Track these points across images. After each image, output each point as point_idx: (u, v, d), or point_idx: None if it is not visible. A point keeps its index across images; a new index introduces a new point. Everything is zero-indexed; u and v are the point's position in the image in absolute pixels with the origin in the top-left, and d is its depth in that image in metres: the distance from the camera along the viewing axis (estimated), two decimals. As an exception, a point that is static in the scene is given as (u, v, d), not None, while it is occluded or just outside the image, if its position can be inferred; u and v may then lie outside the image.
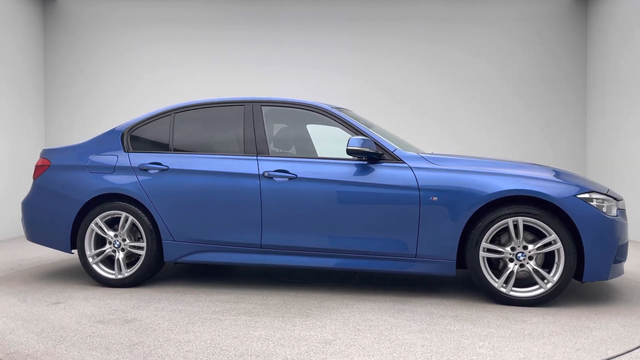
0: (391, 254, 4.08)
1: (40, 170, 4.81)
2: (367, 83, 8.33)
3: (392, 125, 7.05)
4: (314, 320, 3.52)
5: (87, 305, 3.90)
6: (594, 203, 3.85)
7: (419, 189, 4.02)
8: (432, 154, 4.57)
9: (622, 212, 4.14)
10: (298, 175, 4.22)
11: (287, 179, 4.23)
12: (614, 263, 3.97)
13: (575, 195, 3.84)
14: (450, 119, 8.33)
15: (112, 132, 4.77)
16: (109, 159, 4.63)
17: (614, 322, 3.50)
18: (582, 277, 3.85)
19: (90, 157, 4.68)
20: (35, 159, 7.77)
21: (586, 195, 3.86)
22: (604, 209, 3.92)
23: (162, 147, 4.62)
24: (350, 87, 8.32)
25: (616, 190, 6.62)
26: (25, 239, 6.83)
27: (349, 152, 4.05)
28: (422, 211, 4.01)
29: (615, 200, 4.06)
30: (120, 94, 8.42)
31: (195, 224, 4.39)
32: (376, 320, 3.52)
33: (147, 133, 4.70)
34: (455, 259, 3.98)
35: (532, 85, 8.34)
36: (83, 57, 8.45)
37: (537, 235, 3.92)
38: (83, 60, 8.45)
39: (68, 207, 4.60)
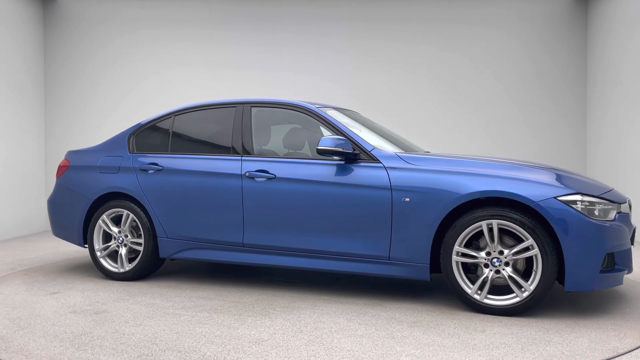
0: (365, 256, 3.99)
1: (61, 170, 5.23)
2: (367, 84, 8.38)
3: (393, 126, 6.96)
4: (266, 319, 3.54)
5: (78, 296, 4.19)
6: (579, 206, 3.52)
7: (391, 189, 3.90)
8: (426, 153, 4.43)
9: (623, 216, 3.75)
10: (277, 175, 4.25)
11: (266, 179, 4.27)
12: (610, 272, 3.62)
13: (556, 197, 3.53)
14: (450, 120, 8.35)
15: (121, 134, 5.08)
16: (115, 160, 4.93)
17: (585, 336, 3.18)
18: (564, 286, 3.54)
19: (101, 158, 5.02)
20: (34, 160, 8.10)
21: (569, 198, 3.53)
22: (596, 212, 3.57)
23: (162, 149, 4.84)
24: (351, 88, 8.41)
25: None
26: (25, 239, 7.41)
27: (318, 152, 4.01)
28: (394, 212, 3.88)
29: (613, 203, 3.69)
30: (121, 95, 8.43)
31: (185, 222, 4.56)
32: (328, 322, 3.47)
33: (150, 135, 4.94)
34: (429, 262, 3.82)
35: (531, 87, 8.29)
36: (83, 57, 8.45)
37: (519, 240, 3.65)
38: (83, 61, 8.46)
39: (81, 204, 4.97)
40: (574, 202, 3.53)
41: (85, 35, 8.48)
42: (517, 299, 3.60)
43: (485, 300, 3.67)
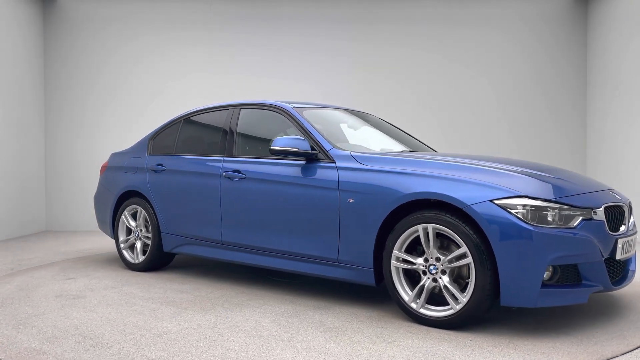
0: (318, 257, 3.93)
1: (102, 170, 5.86)
2: (367, 85, 8.25)
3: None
4: (200, 315, 3.66)
5: (82, 283, 4.69)
6: (519, 210, 3.10)
7: (339, 189, 3.78)
8: (394, 152, 4.23)
9: (594, 223, 3.23)
10: (247, 176, 4.35)
11: (239, 179, 4.39)
12: (569, 287, 3.17)
13: (492, 200, 3.16)
14: (449, 121, 8.24)
15: (144, 137, 5.55)
16: (136, 161, 5.41)
17: (502, 356, 2.82)
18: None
19: (127, 159, 5.53)
20: (33, 159, 8.37)
21: (508, 201, 3.13)
22: (549, 218, 3.13)
23: (170, 150, 5.19)
24: (352, 88, 8.31)
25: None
26: (25, 239, 7.73)
27: (271, 152, 4.02)
28: (341, 214, 3.76)
29: (578, 209, 3.19)
30: (121, 96, 8.49)
31: (178, 220, 4.87)
32: (251, 322, 3.49)
33: (164, 138, 5.32)
34: (372, 267, 3.64)
35: (531, 87, 8.18)
36: (83, 58, 8.50)
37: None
38: (83, 61, 8.50)
39: (110, 200, 5.53)
40: (514, 206, 3.12)
41: (85, 36, 8.58)
42: (451, 311, 3.29)
43: (422, 310, 3.41)
